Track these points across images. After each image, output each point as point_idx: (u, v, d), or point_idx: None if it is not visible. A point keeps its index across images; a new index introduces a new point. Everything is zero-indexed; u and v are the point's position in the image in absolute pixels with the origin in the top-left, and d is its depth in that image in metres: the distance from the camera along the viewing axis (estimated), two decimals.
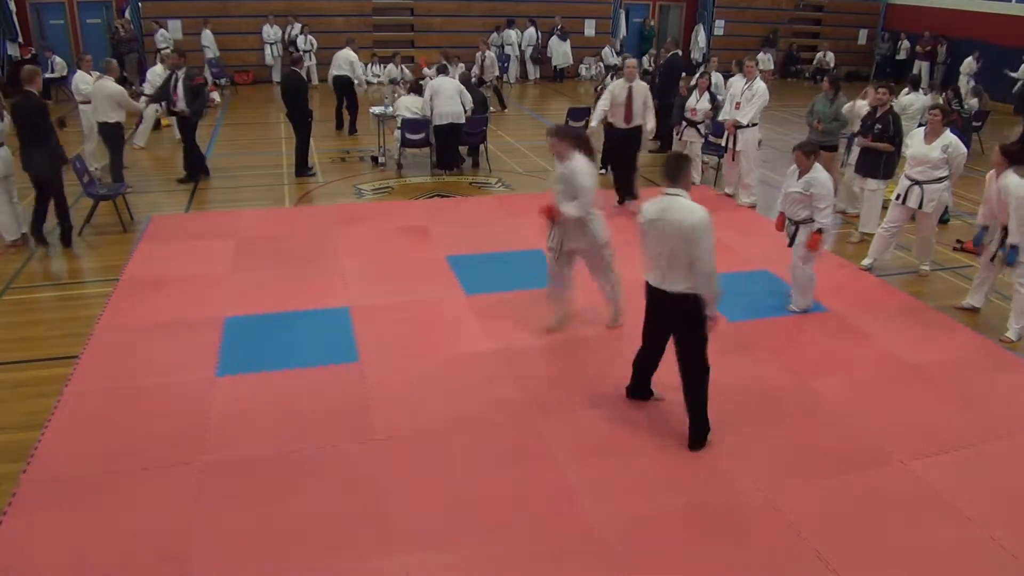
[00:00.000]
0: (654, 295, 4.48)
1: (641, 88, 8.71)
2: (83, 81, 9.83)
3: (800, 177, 6.07)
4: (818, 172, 6.00)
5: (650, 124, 8.84)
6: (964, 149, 6.94)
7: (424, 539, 3.80)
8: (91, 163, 9.11)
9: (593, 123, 8.92)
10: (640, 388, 4.95)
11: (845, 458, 4.51)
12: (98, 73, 9.32)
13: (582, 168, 5.43)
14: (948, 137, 6.86)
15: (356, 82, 12.52)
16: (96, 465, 4.28)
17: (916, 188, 6.95)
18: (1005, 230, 6.01)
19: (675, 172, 4.34)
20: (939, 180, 6.91)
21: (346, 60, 12.38)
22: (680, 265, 4.26)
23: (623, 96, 8.61)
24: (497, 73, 16.75)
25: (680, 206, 4.25)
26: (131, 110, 9.34)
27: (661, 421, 4.84)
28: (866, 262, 7.40)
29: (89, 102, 9.39)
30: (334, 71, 12.53)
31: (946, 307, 6.65)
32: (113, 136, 9.06)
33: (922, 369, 5.57)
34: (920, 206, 6.98)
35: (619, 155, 9.20)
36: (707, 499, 4.13)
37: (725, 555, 3.76)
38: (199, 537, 3.77)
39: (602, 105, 8.78)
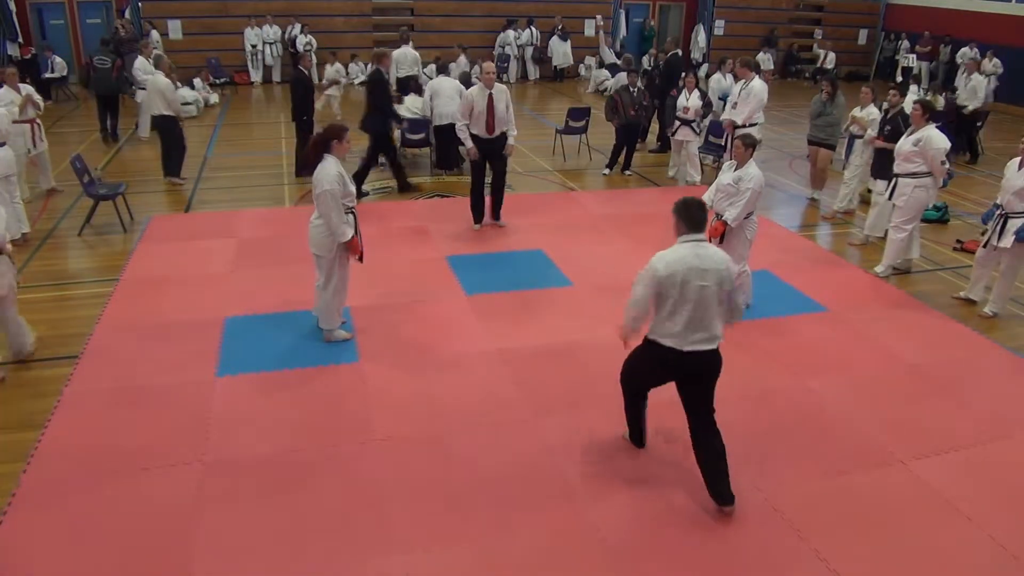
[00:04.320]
0: (683, 360, 3.94)
1: (502, 93, 7.71)
2: (3, 101, 8.33)
3: (736, 170, 5.93)
4: (751, 167, 5.88)
5: (512, 132, 7.92)
6: (940, 144, 6.72)
7: (424, 539, 3.80)
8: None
9: (467, 143, 7.84)
10: (643, 430, 4.58)
11: (845, 458, 4.51)
12: (28, 89, 8.83)
13: (322, 171, 5.20)
14: (925, 131, 6.78)
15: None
16: (96, 465, 4.28)
17: (893, 180, 7.03)
18: (1004, 216, 6.27)
19: (698, 220, 3.95)
20: (913, 175, 6.85)
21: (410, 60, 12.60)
22: (713, 316, 3.91)
23: (483, 104, 7.58)
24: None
25: (713, 253, 3.93)
26: (174, 107, 9.39)
27: (661, 421, 4.84)
28: (879, 269, 7.29)
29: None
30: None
31: (946, 306, 6.66)
32: (163, 129, 9.45)
33: (922, 369, 5.57)
34: (891, 197, 7.03)
35: (489, 168, 8.08)
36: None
37: (725, 555, 3.76)
38: (199, 537, 3.77)
39: (461, 120, 7.80)
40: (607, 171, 10.64)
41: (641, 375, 4.27)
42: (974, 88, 12.26)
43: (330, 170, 5.15)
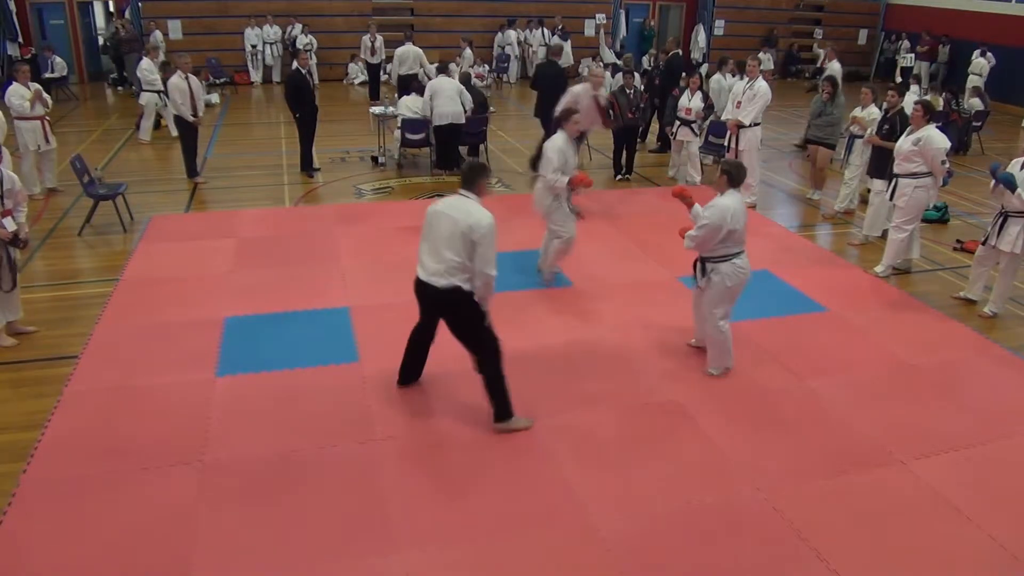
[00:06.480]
0: (420, 288, 4.66)
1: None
2: (16, 95, 8.70)
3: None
4: (723, 198, 5.08)
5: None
6: (940, 144, 6.70)
7: (424, 539, 3.80)
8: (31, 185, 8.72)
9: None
10: (412, 370, 5.11)
11: (845, 458, 4.51)
12: (36, 86, 8.98)
13: (552, 141, 6.50)
14: (924, 131, 6.76)
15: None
16: (96, 465, 4.28)
17: (894, 181, 7.01)
18: (1004, 215, 6.25)
19: (468, 178, 4.60)
20: (913, 175, 6.84)
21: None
22: (448, 260, 4.43)
23: None
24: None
25: (469, 207, 4.46)
26: (175, 108, 9.48)
27: (660, 422, 4.84)
28: (879, 269, 7.27)
29: (24, 118, 8.73)
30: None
31: (946, 306, 6.66)
32: (179, 129, 9.72)
33: (922, 369, 5.57)
34: (891, 198, 7.03)
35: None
36: (707, 499, 4.13)
37: (725, 555, 3.76)
38: (199, 537, 3.77)
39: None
40: (619, 177, 10.49)
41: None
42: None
43: (556, 142, 6.41)
